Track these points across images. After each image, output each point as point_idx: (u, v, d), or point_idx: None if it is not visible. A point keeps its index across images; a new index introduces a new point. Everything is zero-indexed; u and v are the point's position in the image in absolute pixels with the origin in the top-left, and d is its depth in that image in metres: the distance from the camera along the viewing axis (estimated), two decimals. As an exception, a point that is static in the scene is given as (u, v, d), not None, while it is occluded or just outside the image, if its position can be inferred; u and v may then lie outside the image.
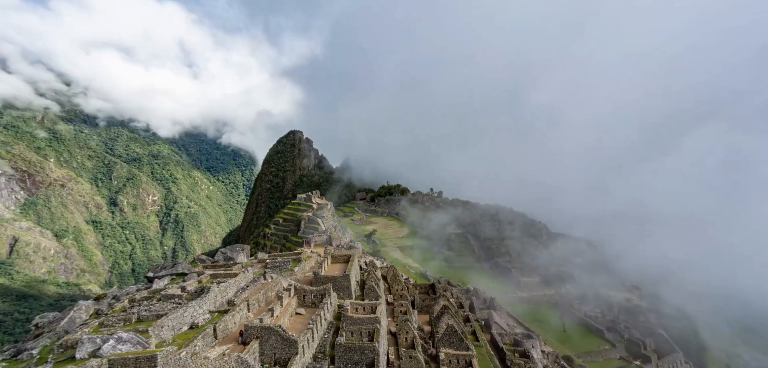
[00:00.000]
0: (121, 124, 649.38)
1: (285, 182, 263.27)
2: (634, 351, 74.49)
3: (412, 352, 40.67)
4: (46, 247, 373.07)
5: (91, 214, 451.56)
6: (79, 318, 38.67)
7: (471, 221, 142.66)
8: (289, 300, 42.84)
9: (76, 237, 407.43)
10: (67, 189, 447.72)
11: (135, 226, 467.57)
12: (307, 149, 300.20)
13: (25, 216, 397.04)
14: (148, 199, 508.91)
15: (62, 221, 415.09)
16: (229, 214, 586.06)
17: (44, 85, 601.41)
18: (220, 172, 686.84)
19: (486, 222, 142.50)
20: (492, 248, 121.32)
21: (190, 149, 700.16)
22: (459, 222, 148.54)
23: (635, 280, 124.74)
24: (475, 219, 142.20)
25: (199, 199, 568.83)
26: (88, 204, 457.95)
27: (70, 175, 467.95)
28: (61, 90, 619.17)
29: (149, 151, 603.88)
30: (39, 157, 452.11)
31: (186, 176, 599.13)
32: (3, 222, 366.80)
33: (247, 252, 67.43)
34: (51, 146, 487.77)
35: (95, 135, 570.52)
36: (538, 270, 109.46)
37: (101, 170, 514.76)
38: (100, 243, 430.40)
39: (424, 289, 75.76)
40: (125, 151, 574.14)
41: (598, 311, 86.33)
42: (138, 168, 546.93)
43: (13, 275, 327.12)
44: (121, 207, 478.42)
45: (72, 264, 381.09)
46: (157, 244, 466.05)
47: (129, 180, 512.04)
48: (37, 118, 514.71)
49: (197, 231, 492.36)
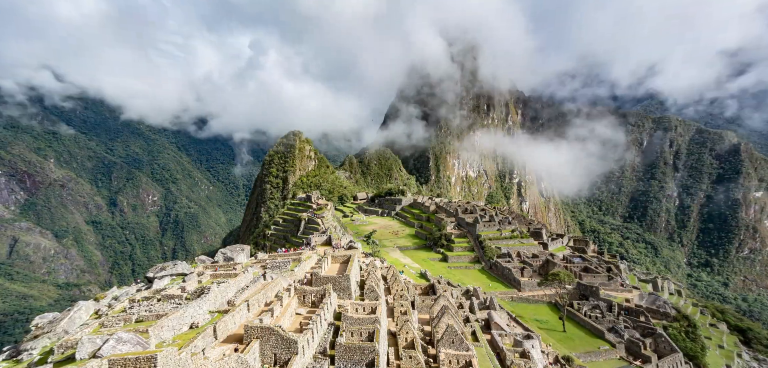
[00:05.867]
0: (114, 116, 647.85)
1: (285, 182, 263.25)
2: (634, 351, 74.49)
3: (412, 352, 40.69)
4: (46, 247, 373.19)
5: (91, 215, 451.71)
6: (79, 318, 38.67)
7: (472, 221, 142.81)
8: (289, 301, 42.86)
9: (76, 238, 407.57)
10: (67, 189, 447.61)
11: (135, 227, 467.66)
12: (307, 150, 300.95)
13: (25, 216, 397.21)
14: (148, 199, 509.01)
15: (62, 221, 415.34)
16: (229, 214, 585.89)
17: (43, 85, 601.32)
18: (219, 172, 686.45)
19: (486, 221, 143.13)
20: (492, 247, 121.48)
21: (190, 149, 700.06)
22: (459, 222, 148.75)
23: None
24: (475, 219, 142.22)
25: (199, 199, 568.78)
26: (88, 204, 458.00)
27: (70, 175, 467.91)
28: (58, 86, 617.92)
29: (149, 150, 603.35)
30: (39, 157, 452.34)
31: (186, 176, 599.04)
32: (3, 223, 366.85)
33: (247, 252, 67.45)
34: (51, 147, 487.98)
35: (95, 135, 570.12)
36: (539, 270, 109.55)
37: (101, 170, 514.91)
38: (100, 243, 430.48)
39: (424, 289, 75.78)
40: (125, 151, 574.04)
41: (598, 311, 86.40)
42: (138, 168, 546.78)
43: (13, 275, 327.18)
44: (121, 208, 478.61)
45: (72, 264, 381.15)
46: (157, 245, 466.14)
47: (129, 180, 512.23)
48: (37, 118, 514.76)
49: (197, 232, 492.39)
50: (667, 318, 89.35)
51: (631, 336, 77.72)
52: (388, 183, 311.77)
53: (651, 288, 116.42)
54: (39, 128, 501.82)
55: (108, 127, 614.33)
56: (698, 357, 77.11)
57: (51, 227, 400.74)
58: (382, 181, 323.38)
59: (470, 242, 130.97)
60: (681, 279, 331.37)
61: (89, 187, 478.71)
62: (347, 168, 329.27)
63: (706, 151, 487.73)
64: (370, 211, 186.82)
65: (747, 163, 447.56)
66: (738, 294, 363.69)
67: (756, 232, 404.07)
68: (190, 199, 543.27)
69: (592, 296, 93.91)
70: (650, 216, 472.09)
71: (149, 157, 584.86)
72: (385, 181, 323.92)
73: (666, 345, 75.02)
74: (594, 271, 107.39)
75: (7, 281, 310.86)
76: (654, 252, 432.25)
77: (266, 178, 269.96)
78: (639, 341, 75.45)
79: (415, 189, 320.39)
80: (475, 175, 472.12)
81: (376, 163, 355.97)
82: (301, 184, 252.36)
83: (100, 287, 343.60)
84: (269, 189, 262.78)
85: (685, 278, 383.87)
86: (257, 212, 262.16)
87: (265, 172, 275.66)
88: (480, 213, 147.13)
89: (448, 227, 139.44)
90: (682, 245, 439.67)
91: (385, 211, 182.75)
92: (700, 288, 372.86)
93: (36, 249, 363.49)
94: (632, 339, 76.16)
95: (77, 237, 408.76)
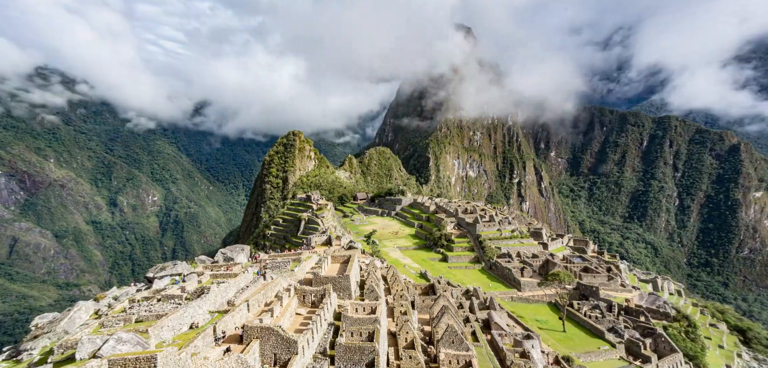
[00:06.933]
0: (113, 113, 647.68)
1: (285, 182, 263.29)
2: (634, 351, 74.46)
3: (411, 352, 40.68)
4: (46, 248, 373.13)
5: (91, 215, 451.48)
6: (79, 318, 38.66)
7: (472, 221, 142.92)
8: (289, 301, 42.85)
9: (76, 238, 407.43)
10: (67, 189, 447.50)
11: (135, 227, 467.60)
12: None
13: (24, 216, 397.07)
14: (148, 200, 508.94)
15: (62, 221, 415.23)
16: (229, 215, 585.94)
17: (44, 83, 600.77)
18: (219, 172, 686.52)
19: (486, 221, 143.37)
20: (492, 247, 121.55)
21: (190, 149, 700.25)
22: (459, 222, 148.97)
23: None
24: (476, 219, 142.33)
25: (198, 199, 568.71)
26: (88, 204, 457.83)
27: (70, 175, 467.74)
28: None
29: (149, 149, 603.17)
30: (39, 157, 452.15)
31: (186, 176, 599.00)
32: (3, 223, 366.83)
33: (247, 252, 67.41)
34: (51, 147, 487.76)
35: (95, 136, 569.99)
36: (539, 271, 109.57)
37: (101, 170, 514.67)
38: (100, 243, 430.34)
39: (424, 289, 75.78)
40: (125, 150, 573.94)
41: (598, 311, 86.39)
42: (138, 168, 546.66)
43: (13, 275, 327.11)
44: (121, 208, 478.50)
45: (72, 264, 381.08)
46: (157, 245, 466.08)
47: (129, 180, 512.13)
48: (37, 118, 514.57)
49: (197, 232, 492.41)
50: (667, 318, 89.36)
51: (631, 336, 77.71)
52: (388, 183, 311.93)
53: (651, 288, 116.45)
54: (39, 128, 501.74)
55: (108, 127, 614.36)
56: (698, 357, 77.08)
57: (51, 227, 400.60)
58: (382, 181, 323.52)
59: (470, 242, 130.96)
60: (681, 279, 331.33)
61: (89, 187, 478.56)
62: (347, 168, 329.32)
63: (705, 151, 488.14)
64: (370, 211, 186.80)
65: (747, 163, 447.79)
66: (738, 294, 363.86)
67: (756, 232, 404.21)
68: (190, 199, 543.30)
69: (592, 296, 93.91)
70: (650, 216, 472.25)
71: (149, 157, 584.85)
72: (385, 181, 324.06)
73: (666, 345, 75.01)
74: (594, 271, 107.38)
75: (7, 281, 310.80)
76: (654, 252, 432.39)
77: (266, 178, 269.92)
78: (639, 341, 75.42)
79: (415, 190, 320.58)
80: (475, 175, 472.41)
81: (376, 163, 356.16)
82: (301, 184, 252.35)
83: (100, 287, 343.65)
84: (269, 190, 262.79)
85: (685, 278, 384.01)
86: (257, 212, 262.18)
87: (265, 172, 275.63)
88: (480, 213, 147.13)
89: (448, 227, 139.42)
90: (682, 245, 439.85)
91: (385, 211, 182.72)
92: (700, 288, 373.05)
93: (36, 250, 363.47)
94: (632, 339, 76.15)
95: (77, 237, 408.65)
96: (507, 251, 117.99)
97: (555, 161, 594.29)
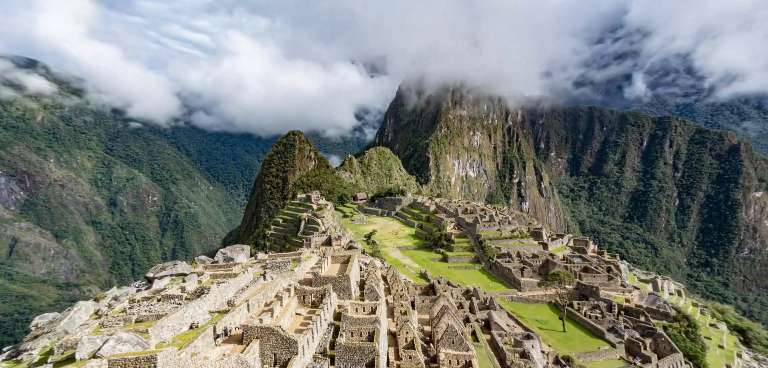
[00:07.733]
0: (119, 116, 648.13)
1: (285, 182, 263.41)
2: (634, 351, 74.44)
3: (411, 352, 40.68)
4: (46, 248, 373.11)
5: (91, 215, 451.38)
6: (79, 318, 38.67)
7: (472, 221, 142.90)
8: (289, 301, 42.84)
9: (76, 238, 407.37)
10: (67, 189, 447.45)
11: (135, 227, 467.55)
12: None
13: (24, 216, 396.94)
14: (148, 200, 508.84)
15: (62, 221, 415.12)
16: (229, 215, 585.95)
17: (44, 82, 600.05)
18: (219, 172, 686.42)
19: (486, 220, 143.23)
20: (492, 248, 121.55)
21: (190, 149, 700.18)
22: (459, 222, 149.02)
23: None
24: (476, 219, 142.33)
25: (198, 199, 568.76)
26: (88, 204, 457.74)
27: (70, 175, 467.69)
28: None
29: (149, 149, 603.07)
30: (39, 157, 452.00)
31: (186, 176, 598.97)
32: (3, 223, 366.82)
33: (247, 252, 67.44)
34: (51, 147, 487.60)
35: (95, 136, 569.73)
36: (539, 271, 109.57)
37: (101, 170, 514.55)
38: (100, 243, 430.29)
39: (424, 289, 75.81)
40: (125, 151, 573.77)
41: (598, 311, 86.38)
42: (138, 168, 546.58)
43: (13, 275, 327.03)
44: (121, 208, 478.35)
45: (72, 264, 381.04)
46: (157, 245, 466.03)
47: (129, 180, 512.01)
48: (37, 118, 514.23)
49: (197, 232, 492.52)
50: (667, 318, 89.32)
51: (631, 336, 77.69)
52: (388, 183, 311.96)
53: (651, 288, 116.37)
54: (39, 128, 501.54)
55: (108, 127, 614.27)
56: (698, 357, 77.04)
57: (51, 227, 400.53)
58: (382, 181, 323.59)
59: (470, 242, 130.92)
60: (681, 279, 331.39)
61: (89, 187, 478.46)
62: (347, 168, 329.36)
63: (705, 151, 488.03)
64: (370, 211, 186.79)
65: (747, 163, 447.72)
66: (738, 294, 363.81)
67: (756, 232, 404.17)
68: (189, 199, 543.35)
69: (592, 296, 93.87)
70: (650, 216, 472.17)
71: (149, 157, 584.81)
72: (385, 181, 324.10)
73: (666, 345, 75.00)
74: (594, 271, 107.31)
75: (7, 281, 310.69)
76: (654, 252, 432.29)
77: (266, 178, 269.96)
78: (639, 341, 75.40)
79: (415, 190, 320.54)
80: (475, 175, 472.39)
81: (376, 162, 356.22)
82: (301, 184, 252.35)
83: (100, 287, 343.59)
84: (269, 190, 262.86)
85: (685, 278, 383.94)
86: (257, 212, 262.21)
87: (265, 172, 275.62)
88: (480, 213, 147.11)
89: (448, 227, 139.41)
90: (682, 245, 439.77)
91: (385, 211, 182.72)
92: (700, 288, 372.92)
93: (36, 250, 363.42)
94: (632, 339, 76.13)
95: (77, 237, 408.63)
96: (507, 251, 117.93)
97: (555, 161, 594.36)
